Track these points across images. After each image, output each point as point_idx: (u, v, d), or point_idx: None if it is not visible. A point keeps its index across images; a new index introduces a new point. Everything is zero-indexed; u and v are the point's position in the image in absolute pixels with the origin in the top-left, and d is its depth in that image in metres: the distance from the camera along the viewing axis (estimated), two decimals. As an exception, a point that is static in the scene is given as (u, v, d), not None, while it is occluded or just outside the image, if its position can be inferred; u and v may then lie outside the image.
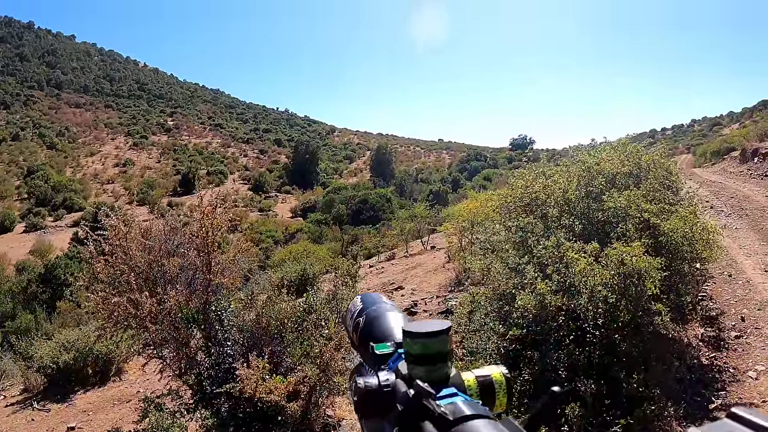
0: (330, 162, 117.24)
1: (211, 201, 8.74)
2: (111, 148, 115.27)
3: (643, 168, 9.90)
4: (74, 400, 12.53)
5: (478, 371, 1.26)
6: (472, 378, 1.23)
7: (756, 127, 41.20)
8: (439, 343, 1.14)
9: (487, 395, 1.22)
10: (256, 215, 65.44)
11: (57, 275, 27.30)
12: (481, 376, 1.24)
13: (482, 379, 1.23)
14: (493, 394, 1.23)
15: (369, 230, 42.36)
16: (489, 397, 1.22)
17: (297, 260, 20.80)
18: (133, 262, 8.28)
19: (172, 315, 8.15)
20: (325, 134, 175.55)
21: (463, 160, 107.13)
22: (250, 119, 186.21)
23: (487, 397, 1.22)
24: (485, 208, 14.54)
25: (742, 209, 18.77)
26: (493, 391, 1.23)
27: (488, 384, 1.23)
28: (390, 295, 14.89)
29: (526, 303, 6.96)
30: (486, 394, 1.22)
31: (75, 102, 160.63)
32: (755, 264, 12.37)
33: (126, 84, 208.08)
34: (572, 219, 8.62)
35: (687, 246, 8.08)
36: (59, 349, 13.29)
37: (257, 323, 8.30)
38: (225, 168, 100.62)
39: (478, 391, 1.21)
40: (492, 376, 1.24)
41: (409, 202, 54.38)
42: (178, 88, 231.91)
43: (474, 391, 1.20)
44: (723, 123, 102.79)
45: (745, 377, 8.03)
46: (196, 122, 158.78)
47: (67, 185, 74.02)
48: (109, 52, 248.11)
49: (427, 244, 24.77)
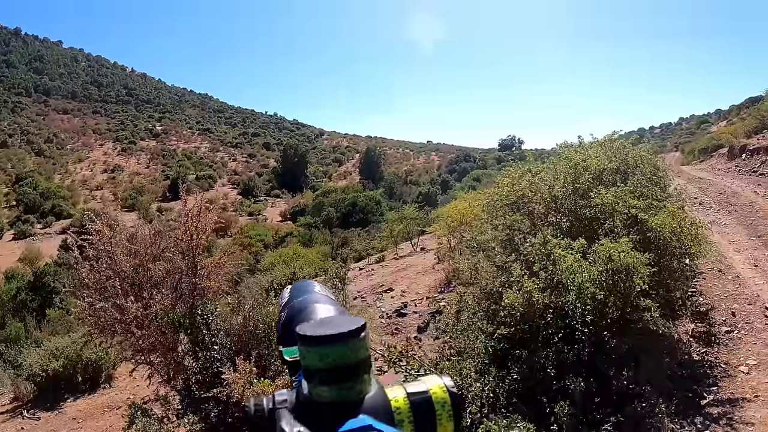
0: (319, 165, 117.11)
1: (196, 204, 8.67)
2: (99, 154, 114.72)
3: (630, 164, 9.88)
4: (64, 408, 12.41)
5: (411, 386, 0.96)
6: (402, 397, 0.93)
7: (743, 124, 41.32)
8: (342, 350, 0.85)
9: (425, 421, 0.93)
10: (245, 219, 65.23)
11: (46, 283, 27.07)
12: (415, 393, 0.95)
13: (416, 398, 0.94)
14: (433, 419, 0.93)
15: (359, 233, 42.27)
16: (427, 424, 0.93)
17: (287, 264, 20.71)
18: (118, 266, 8.22)
19: (158, 320, 8.10)
20: (313, 137, 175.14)
21: (453, 162, 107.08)
22: (239, 123, 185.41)
23: (424, 423, 0.93)
24: (474, 208, 14.52)
25: (731, 205, 18.78)
26: (433, 414, 0.93)
27: (424, 404, 0.93)
28: (380, 297, 14.83)
29: (513, 301, 6.92)
30: (423, 419, 0.93)
31: (63, 108, 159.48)
32: (745, 259, 12.36)
33: (114, 89, 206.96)
34: (559, 216, 8.60)
35: (675, 241, 8.05)
36: (48, 357, 13.16)
37: (244, 326, 8.25)
38: (214, 173, 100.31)
39: (410, 416, 0.92)
40: (430, 392, 0.95)
41: (399, 204, 54.46)
42: (166, 92, 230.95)
43: (405, 417, 0.91)
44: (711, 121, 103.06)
45: (737, 372, 8.02)
46: (185, 127, 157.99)
47: (55, 192, 73.58)
48: (96, 57, 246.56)
49: (417, 246, 24.70)
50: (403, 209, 31.26)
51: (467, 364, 6.84)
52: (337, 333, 0.84)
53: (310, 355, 0.85)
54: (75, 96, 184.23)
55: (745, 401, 7.28)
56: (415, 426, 0.91)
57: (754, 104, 57.26)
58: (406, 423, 0.91)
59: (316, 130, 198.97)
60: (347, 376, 0.85)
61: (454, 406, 0.94)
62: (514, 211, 8.96)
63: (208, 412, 7.63)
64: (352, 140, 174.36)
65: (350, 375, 0.85)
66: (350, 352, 0.85)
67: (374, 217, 50.53)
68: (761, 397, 7.32)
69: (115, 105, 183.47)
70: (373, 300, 14.61)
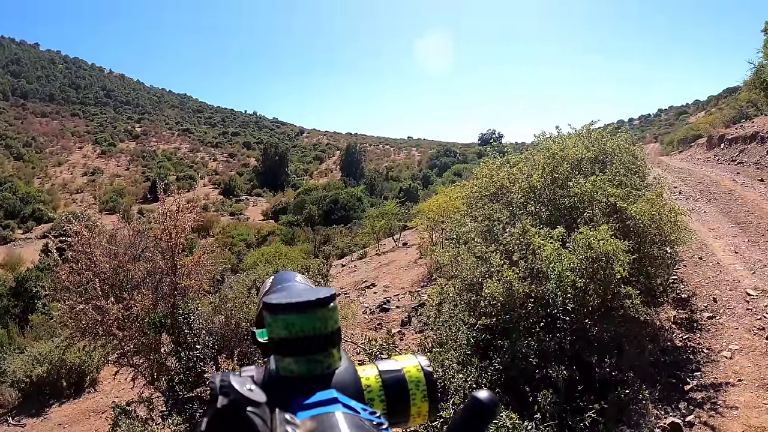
0: (300, 163, 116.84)
1: (174, 201, 8.63)
2: (79, 157, 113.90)
3: (608, 153, 9.93)
4: (49, 414, 12.34)
5: (384, 364, 0.92)
6: (373, 375, 0.89)
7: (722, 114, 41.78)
8: (310, 320, 0.81)
9: (398, 401, 0.89)
10: (227, 219, 65.03)
11: (28, 288, 26.86)
12: (387, 371, 0.90)
13: (388, 377, 0.89)
14: (406, 398, 0.89)
15: (341, 230, 42.28)
16: (400, 404, 0.89)
17: (269, 262, 20.63)
18: (97, 268, 8.16)
19: (139, 320, 8.05)
20: (294, 136, 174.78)
21: (433, 157, 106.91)
22: (219, 123, 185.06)
23: (397, 403, 0.89)
24: (454, 201, 14.55)
25: (710, 193, 18.96)
26: (406, 394, 0.89)
27: (397, 383, 0.89)
28: (362, 292, 14.84)
29: (494, 291, 6.91)
30: (395, 399, 0.89)
31: (41, 111, 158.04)
32: (725, 246, 12.46)
33: (92, 91, 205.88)
34: (538, 206, 8.62)
35: (655, 229, 8.08)
36: (32, 363, 13.08)
37: (227, 325, 8.23)
38: (194, 173, 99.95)
39: (382, 394, 0.88)
40: (404, 370, 0.91)
41: (380, 200, 54.54)
42: (144, 93, 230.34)
43: (376, 395, 0.88)
44: (689, 111, 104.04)
45: (720, 357, 8.07)
46: (164, 128, 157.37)
47: (35, 196, 72.92)
48: (74, 59, 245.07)
49: (399, 241, 24.72)
50: (384, 205, 31.28)
51: (449, 355, 6.84)
52: (305, 301, 0.80)
53: (276, 324, 0.81)
54: (53, 99, 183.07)
55: (729, 386, 7.32)
56: (387, 405, 0.88)
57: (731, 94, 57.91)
58: (377, 401, 0.87)
59: (296, 128, 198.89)
60: (315, 348, 0.81)
61: (430, 385, 0.89)
62: (493, 202, 8.97)
63: (192, 412, 7.60)
64: (333, 137, 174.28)
65: (318, 347, 0.81)
66: (318, 322, 0.81)
67: (356, 214, 50.52)
68: (744, 381, 7.37)
69: (93, 107, 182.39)
70: (356, 296, 14.62)
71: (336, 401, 0.74)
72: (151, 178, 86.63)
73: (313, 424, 0.67)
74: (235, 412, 0.67)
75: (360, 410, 0.74)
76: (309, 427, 0.67)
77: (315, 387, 0.78)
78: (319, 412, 0.71)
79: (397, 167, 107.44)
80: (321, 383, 0.79)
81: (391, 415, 0.87)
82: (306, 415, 0.70)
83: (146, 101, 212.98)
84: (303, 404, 0.74)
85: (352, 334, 10.00)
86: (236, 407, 0.67)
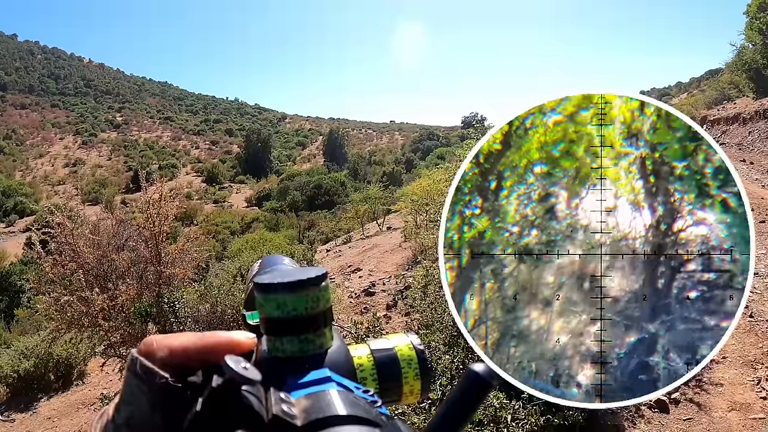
0: (283, 149, 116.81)
1: (157, 190, 8.58)
2: (60, 149, 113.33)
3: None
4: (38, 408, 12.28)
5: (376, 343, 0.92)
6: (365, 354, 0.89)
7: (704, 96, 42.14)
8: (302, 299, 0.79)
9: (390, 379, 0.88)
10: (211, 207, 64.90)
11: (12, 282, 26.74)
12: (379, 350, 0.90)
13: (380, 355, 0.89)
14: (399, 377, 0.89)
15: (325, 215, 42.27)
16: (393, 383, 0.89)
17: (254, 249, 20.60)
18: (81, 259, 8.12)
19: (125, 310, 8.04)
20: (276, 121, 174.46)
21: (416, 141, 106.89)
22: (200, 110, 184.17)
23: (389, 382, 0.88)
24: (438, 184, 14.56)
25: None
26: (399, 372, 0.89)
27: (390, 362, 0.89)
28: (348, 277, 14.86)
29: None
30: (388, 377, 0.88)
31: (20, 103, 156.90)
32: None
33: (72, 81, 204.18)
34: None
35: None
36: (19, 357, 13.01)
37: (212, 312, 8.23)
38: (177, 161, 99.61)
39: (374, 373, 0.88)
40: (395, 349, 0.90)
41: (364, 185, 54.50)
42: (125, 82, 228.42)
43: (368, 374, 0.88)
44: (672, 93, 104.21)
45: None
46: (146, 117, 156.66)
47: (17, 189, 72.50)
48: (52, 49, 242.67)
49: (383, 226, 24.75)
50: (368, 189, 31.26)
51: (435, 337, 6.87)
52: (296, 280, 0.77)
53: (268, 304, 0.78)
54: (32, 90, 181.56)
55: (713, 362, 7.39)
56: (380, 384, 0.87)
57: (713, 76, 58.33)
58: (370, 381, 0.87)
59: (278, 113, 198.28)
60: (307, 328, 0.78)
61: (422, 363, 0.89)
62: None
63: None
64: (315, 123, 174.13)
65: (310, 326, 0.79)
66: (310, 301, 0.78)
67: (340, 199, 50.50)
68: (729, 358, 7.44)
69: (73, 97, 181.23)
70: (342, 280, 14.63)
71: (330, 380, 0.73)
72: (133, 168, 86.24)
73: (308, 402, 0.66)
74: (231, 391, 0.67)
75: (353, 388, 0.73)
76: (304, 405, 0.66)
77: (308, 366, 0.76)
78: (313, 391, 0.70)
79: (380, 151, 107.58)
80: (314, 362, 0.78)
81: (384, 393, 0.88)
82: (300, 394, 0.69)
83: (127, 90, 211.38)
84: (297, 383, 0.72)
85: (339, 318, 10.02)
86: (232, 386, 0.66)
